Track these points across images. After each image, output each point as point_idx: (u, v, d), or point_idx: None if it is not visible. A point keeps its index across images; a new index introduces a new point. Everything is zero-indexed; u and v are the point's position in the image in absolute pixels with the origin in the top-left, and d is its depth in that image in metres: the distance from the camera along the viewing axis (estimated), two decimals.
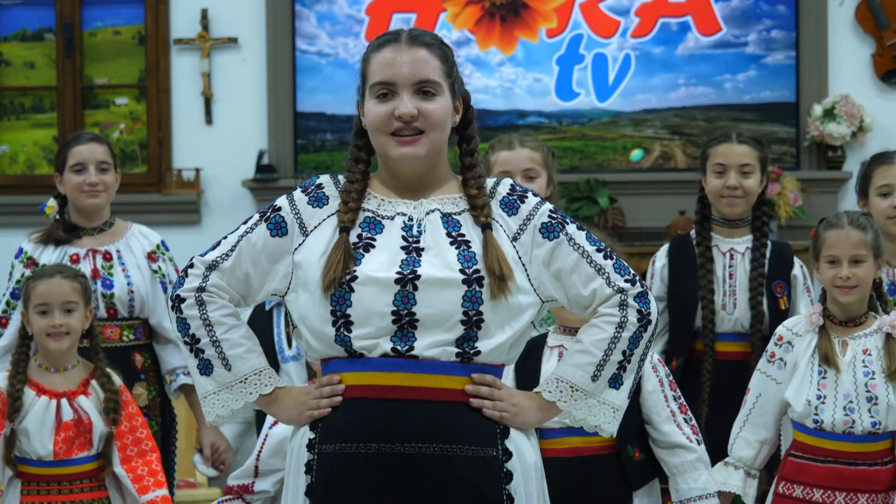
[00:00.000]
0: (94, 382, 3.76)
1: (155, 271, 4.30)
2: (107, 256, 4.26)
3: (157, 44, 6.62)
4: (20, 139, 6.71)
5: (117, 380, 3.80)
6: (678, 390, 3.45)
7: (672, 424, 3.40)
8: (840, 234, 3.51)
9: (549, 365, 3.35)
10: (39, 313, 3.71)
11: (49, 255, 4.22)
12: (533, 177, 3.90)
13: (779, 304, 4.09)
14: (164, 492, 3.74)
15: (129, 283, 4.24)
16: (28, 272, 4.10)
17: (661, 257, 4.28)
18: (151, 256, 4.32)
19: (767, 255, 4.14)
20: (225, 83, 6.61)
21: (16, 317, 4.08)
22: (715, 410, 3.86)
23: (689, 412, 3.44)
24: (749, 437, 3.59)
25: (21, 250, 4.28)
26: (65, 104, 6.64)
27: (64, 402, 3.70)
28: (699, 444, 3.41)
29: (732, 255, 4.15)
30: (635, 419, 3.40)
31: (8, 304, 4.18)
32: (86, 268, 4.19)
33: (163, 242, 4.40)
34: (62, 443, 3.65)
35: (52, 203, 4.36)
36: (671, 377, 3.46)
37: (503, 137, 4.01)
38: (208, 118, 6.61)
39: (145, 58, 6.63)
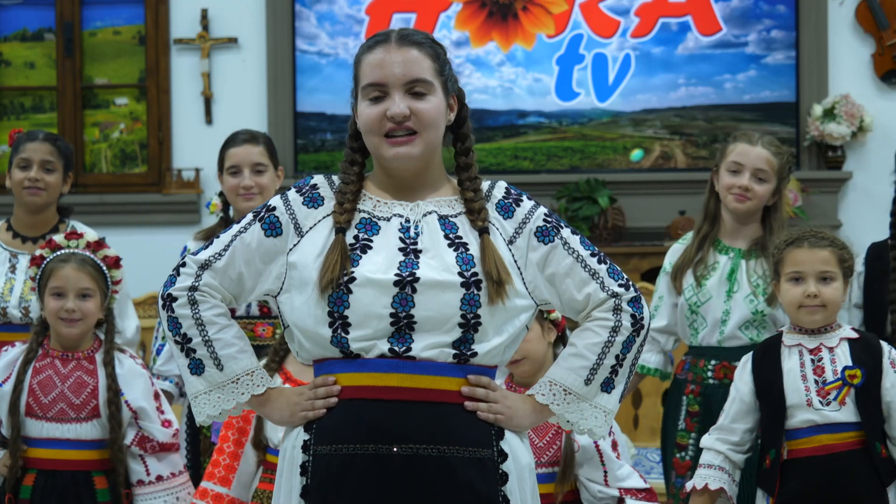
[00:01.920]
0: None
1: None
2: None
3: (157, 44, 6.62)
4: None
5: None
6: None
7: None
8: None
9: None
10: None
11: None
12: (763, 179, 3.95)
13: None
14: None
15: None
16: None
17: (858, 263, 4.11)
18: None
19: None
20: (225, 83, 6.61)
21: None
22: None
23: None
24: None
25: (185, 248, 4.26)
26: (65, 104, 6.64)
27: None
28: None
29: None
30: (880, 415, 3.38)
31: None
32: None
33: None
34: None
35: (216, 201, 4.39)
36: None
37: (747, 131, 4.07)
38: (208, 118, 6.61)
39: (145, 58, 6.64)
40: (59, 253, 3.78)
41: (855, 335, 3.46)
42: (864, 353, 3.43)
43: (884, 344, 3.45)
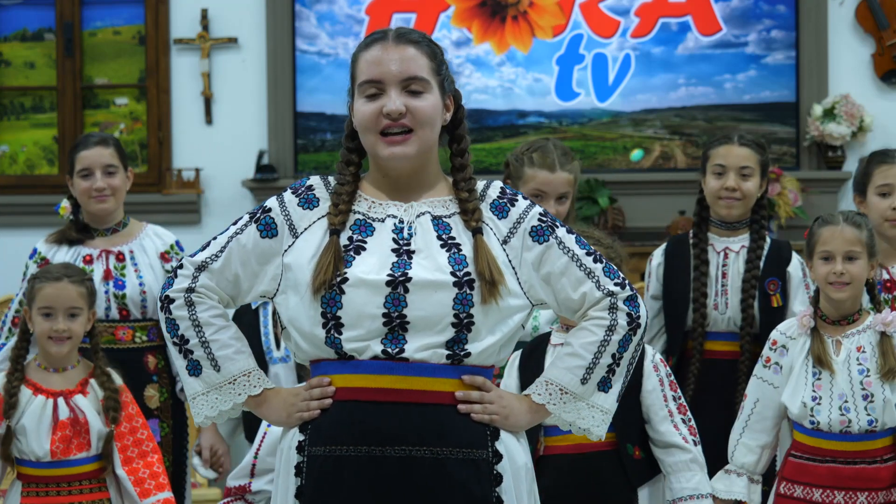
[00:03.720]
0: (93, 382, 3.75)
1: (168, 272, 4.26)
2: (119, 257, 4.25)
3: (157, 44, 6.62)
4: (20, 139, 6.72)
5: (117, 379, 3.79)
6: (679, 390, 3.46)
7: (669, 424, 3.40)
8: (835, 230, 3.50)
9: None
10: (43, 315, 3.71)
11: (62, 256, 4.21)
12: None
13: (771, 302, 4.08)
14: (166, 494, 3.71)
15: (141, 284, 4.22)
16: None
17: (657, 256, 4.28)
18: (164, 257, 4.29)
19: (764, 254, 4.13)
20: (225, 83, 6.61)
21: None
22: (702, 410, 3.85)
23: (688, 413, 3.44)
24: (750, 442, 3.59)
25: (35, 251, 4.28)
26: (65, 104, 6.64)
27: (60, 400, 3.69)
28: (696, 444, 3.41)
29: (727, 254, 4.14)
30: (635, 418, 3.41)
31: (21, 303, 4.17)
32: (98, 269, 4.18)
33: (177, 243, 4.38)
34: (59, 442, 3.65)
35: (65, 204, 4.36)
36: (672, 377, 3.46)
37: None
38: (208, 118, 6.61)
39: (145, 58, 6.64)
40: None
41: None
42: None
43: (648, 348, 3.48)
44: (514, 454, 2.54)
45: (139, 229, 4.35)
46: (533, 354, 3.46)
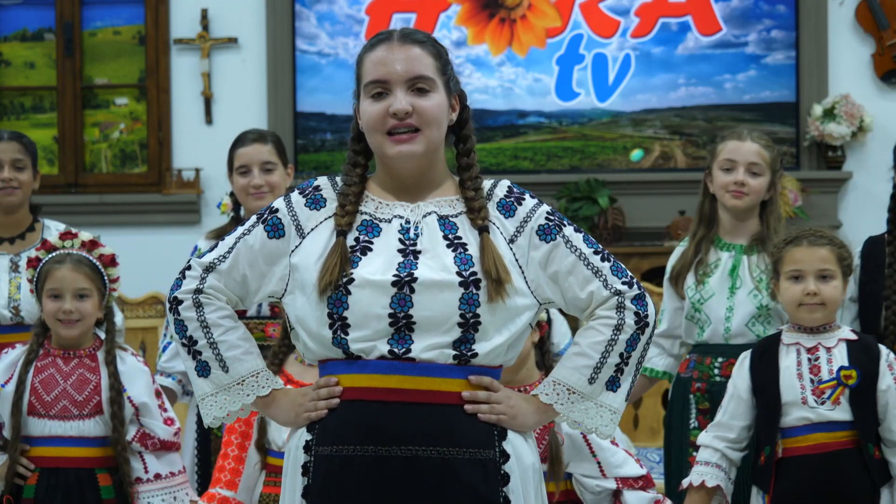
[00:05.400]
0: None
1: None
2: None
3: (157, 44, 6.62)
4: None
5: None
6: None
7: None
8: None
9: None
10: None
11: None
12: (757, 173, 3.96)
13: None
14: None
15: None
16: None
17: (854, 258, 4.14)
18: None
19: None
20: (225, 83, 6.61)
21: None
22: None
23: None
24: None
25: (196, 247, 4.26)
26: (65, 104, 6.64)
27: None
28: None
29: None
30: (873, 417, 3.39)
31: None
32: None
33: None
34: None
35: (226, 200, 4.44)
36: None
37: (736, 128, 4.04)
38: (208, 118, 6.61)
39: (145, 58, 6.64)
40: (54, 254, 3.78)
41: (854, 336, 3.47)
42: (862, 355, 3.43)
43: (882, 347, 3.46)
44: (522, 454, 2.54)
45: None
46: (765, 355, 3.45)
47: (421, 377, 2.47)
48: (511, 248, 2.55)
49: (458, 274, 2.48)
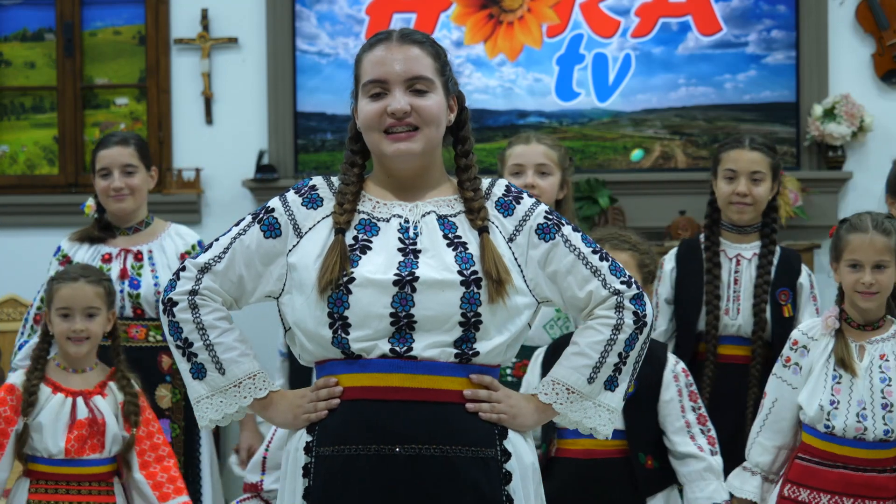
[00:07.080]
0: (111, 385, 3.75)
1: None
2: (138, 256, 4.25)
3: (158, 44, 6.62)
4: (20, 139, 6.71)
5: (136, 384, 3.80)
6: (699, 400, 3.44)
7: (685, 435, 3.40)
8: (864, 238, 3.44)
9: None
10: (61, 316, 3.72)
11: (84, 253, 4.23)
12: (545, 173, 3.94)
13: (782, 312, 4.07)
14: (184, 498, 3.72)
15: (156, 284, 4.22)
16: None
17: (669, 260, 4.26)
18: (184, 257, 4.29)
19: (775, 261, 4.12)
20: (225, 83, 6.61)
21: None
22: (714, 413, 3.86)
23: (708, 423, 3.43)
24: (766, 442, 3.56)
25: (59, 248, 4.28)
26: (65, 104, 6.63)
27: (80, 400, 3.70)
28: (713, 454, 3.40)
29: (739, 261, 4.14)
30: (651, 427, 3.40)
31: (42, 301, 4.15)
32: (115, 267, 4.18)
33: (199, 243, 4.37)
34: (74, 441, 3.65)
35: (90, 202, 4.37)
36: (693, 387, 3.45)
37: (521, 133, 4.02)
38: (208, 118, 6.60)
39: (145, 58, 6.63)
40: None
41: None
42: (645, 364, 3.44)
43: (671, 357, 3.47)
44: (522, 453, 2.54)
45: (162, 229, 4.36)
46: (558, 351, 3.46)
47: (423, 375, 2.47)
48: (510, 248, 2.55)
49: (460, 273, 2.48)
